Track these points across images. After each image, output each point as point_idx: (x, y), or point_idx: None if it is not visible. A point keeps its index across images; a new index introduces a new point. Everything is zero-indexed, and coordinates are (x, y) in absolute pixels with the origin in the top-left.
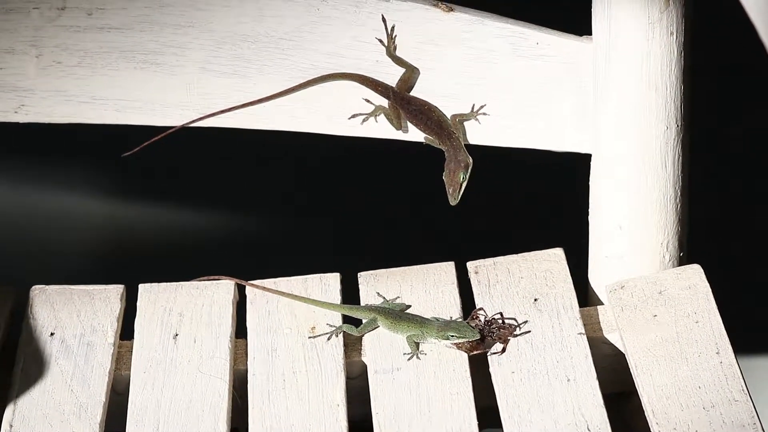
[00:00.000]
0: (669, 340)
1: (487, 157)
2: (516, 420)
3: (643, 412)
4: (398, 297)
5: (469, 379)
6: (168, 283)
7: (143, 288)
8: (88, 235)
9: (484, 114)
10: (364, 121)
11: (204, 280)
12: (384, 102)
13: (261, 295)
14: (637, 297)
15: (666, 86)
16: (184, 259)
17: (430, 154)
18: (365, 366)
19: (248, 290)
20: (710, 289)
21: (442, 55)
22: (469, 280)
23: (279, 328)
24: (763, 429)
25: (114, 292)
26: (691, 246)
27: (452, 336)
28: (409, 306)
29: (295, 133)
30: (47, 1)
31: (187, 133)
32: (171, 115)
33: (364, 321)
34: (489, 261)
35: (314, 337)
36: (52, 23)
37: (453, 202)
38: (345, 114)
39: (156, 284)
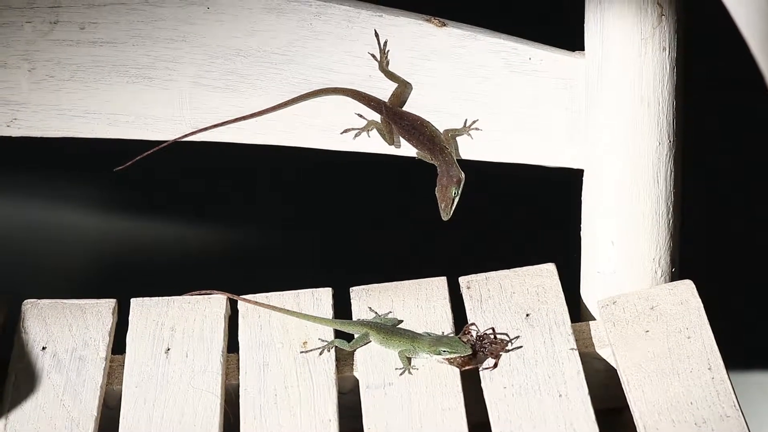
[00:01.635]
0: (661, 356)
1: (479, 172)
2: None
3: (635, 427)
4: (390, 312)
5: (461, 394)
6: (160, 298)
7: (135, 302)
8: (80, 249)
9: (477, 129)
10: (356, 136)
11: (196, 294)
12: (376, 117)
13: (253, 309)
14: (629, 312)
15: (659, 102)
16: (176, 274)
17: (423, 169)
18: (357, 381)
19: (240, 305)
20: (702, 305)
21: (434, 70)
22: (461, 295)
23: (271, 343)
24: None
25: (106, 306)
26: (683, 261)
27: (444, 351)
28: (401, 321)
29: (288, 147)
30: (40, 15)
31: (179, 148)
32: (163, 130)
33: (355, 336)
34: (481, 276)
35: (306, 351)
36: (44, 37)
37: (445, 217)
38: (337, 129)
39: (148, 299)
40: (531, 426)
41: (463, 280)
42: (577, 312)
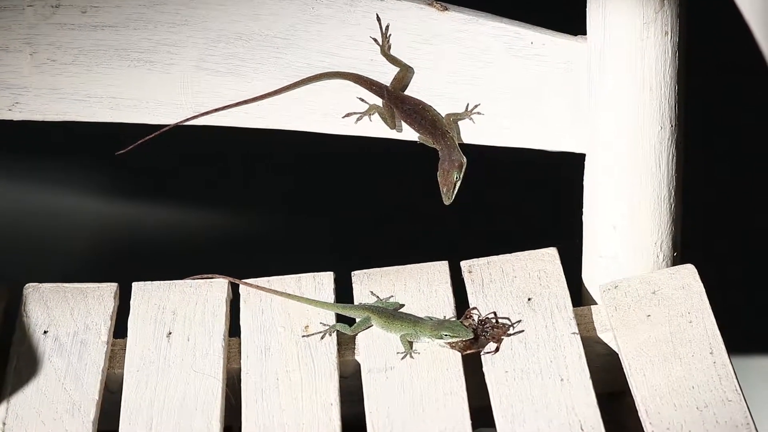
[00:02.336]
0: (662, 340)
1: (481, 156)
2: (509, 419)
3: (637, 412)
4: (392, 296)
5: (463, 379)
6: (161, 282)
7: (137, 286)
8: (82, 233)
9: (478, 113)
10: (358, 120)
11: (198, 278)
12: (378, 101)
13: (254, 293)
14: (630, 297)
15: (660, 86)
16: (177, 258)
17: (424, 153)
18: (359, 365)
19: (242, 289)
20: (704, 289)
21: (436, 55)
22: (462, 279)
23: (272, 327)
24: (756, 429)
25: (107, 290)
26: (685, 246)
27: (446, 335)
28: (403, 305)
29: (290, 131)
30: None
31: (181, 132)
32: (165, 114)
33: (357, 320)
34: (483, 260)
35: (308, 336)
36: (46, 21)
37: (447, 201)
38: (339, 113)
39: (149, 282)
40: (532, 410)
41: (464, 264)
42: (579, 296)
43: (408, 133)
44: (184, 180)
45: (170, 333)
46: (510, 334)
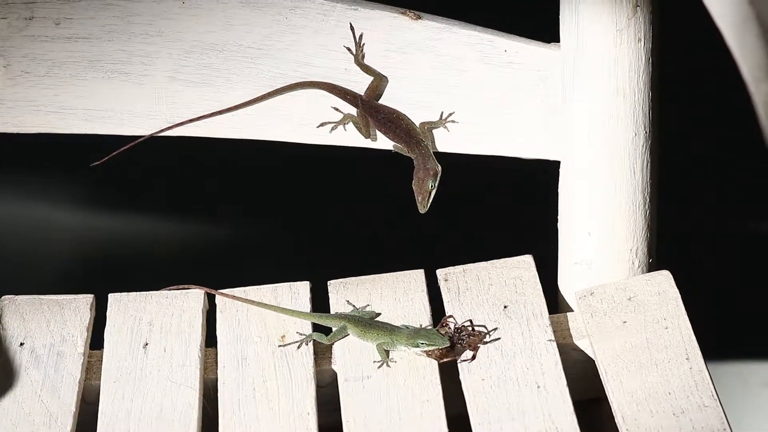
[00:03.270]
0: (639, 346)
1: (455, 164)
2: (486, 427)
3: (614, 418)
4: (368, 305)
5: (440, 387)
6: (138, 293)
7: (113, 297)
8: (57, 244)
9: (453, 122)
10: (332, 129)
11: (174, 289)
12: (353, 110)
13: (231, 304)
14: (606, 303)
15: (634, 93)
16: (153, 269)
17: (399, 161)
18: (335, 374)
19: (218, 299)
20: (679, 295)
21: (410, 63)
22: (438, 287)
23: (249, 337)
24: None
25: (83, 301)
26: (660, 252)
27: (422, 343)
28: (379, 314)
29: (265, 141)
30: (15, 11)
31: (156, 143)
32: (139, 125)
33: (334, 329)
34: (459, 268)
35: (284, 345)
36: (20, 33)
37: (422, 210)
38: (314, 122)
39: (126, 294)
40: (509, 418)
41: (440, 273)
42: (555, 303)
43: (383, 142)
44: (160, 191)
45: (147, 344)
46: (486, 342)
